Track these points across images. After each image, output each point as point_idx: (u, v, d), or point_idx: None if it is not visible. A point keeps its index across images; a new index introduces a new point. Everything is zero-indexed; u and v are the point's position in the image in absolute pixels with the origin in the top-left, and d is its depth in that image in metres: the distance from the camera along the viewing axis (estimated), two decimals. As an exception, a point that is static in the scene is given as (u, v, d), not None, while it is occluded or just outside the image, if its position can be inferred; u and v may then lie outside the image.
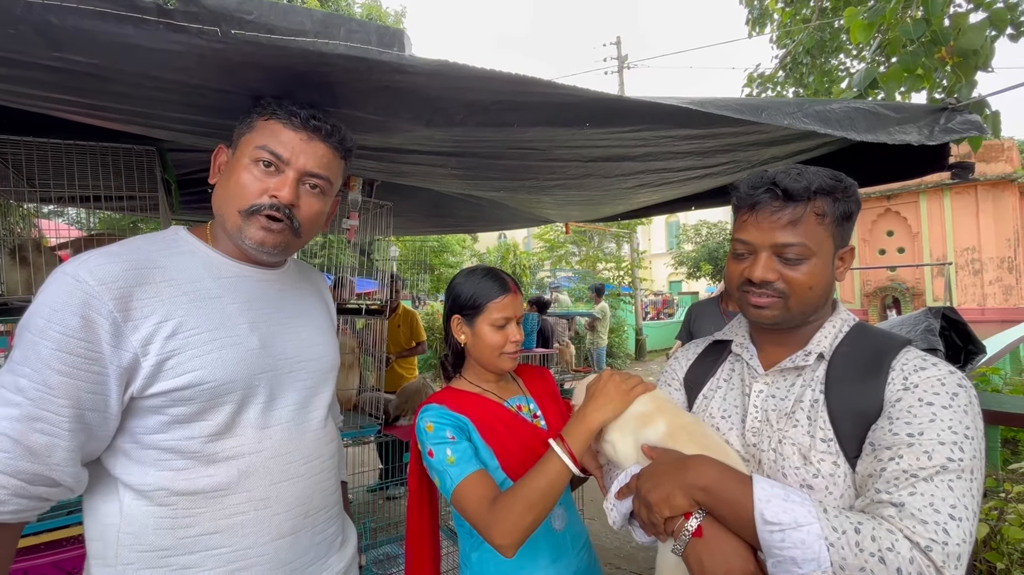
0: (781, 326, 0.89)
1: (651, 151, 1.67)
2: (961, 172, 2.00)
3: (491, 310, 1.15)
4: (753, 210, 0.86)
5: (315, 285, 1.10)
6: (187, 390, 0.78)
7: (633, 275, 13.79)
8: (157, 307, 0.77)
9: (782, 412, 0.85)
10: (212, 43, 0.72)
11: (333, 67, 0.82)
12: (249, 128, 0.88)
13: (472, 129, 1.19)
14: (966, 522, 0.65)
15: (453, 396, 1.17)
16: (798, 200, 0.82)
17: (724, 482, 0.76)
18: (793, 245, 0.82)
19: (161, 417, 0.79)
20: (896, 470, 0.69)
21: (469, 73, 0.90)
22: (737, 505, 0.73)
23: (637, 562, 3.11)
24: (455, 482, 1.01)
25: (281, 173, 0.87)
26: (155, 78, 0.85)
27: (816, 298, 0.85)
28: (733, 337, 1.01)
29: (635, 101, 1.15)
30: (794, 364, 0.87)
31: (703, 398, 1.00)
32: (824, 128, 1.43)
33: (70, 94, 0.94)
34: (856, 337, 0.87)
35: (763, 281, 0.84)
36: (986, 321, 11.34)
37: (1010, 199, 12.77)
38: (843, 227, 0.86)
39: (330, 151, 0.91)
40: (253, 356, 0.85)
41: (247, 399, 0.84)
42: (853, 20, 2.30)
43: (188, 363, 0.78)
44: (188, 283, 0.83)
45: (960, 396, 0.74)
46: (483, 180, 2.01)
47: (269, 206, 0.85)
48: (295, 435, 0.90)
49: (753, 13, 5.95)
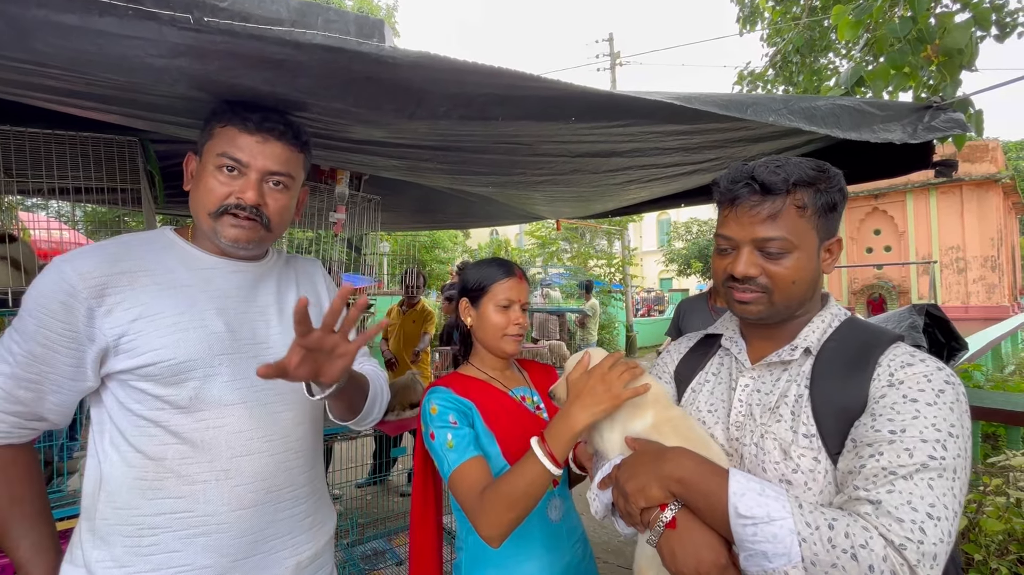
0: (767, 321, 0.88)
1: (638, 147, 1.66)
2: (944, 170, 2.02)
3: (495, 291, 1.20)
4: (733, 205, 0.85)
5: (301, 275, 1.14)
6: (151, 367, 0.87)
7: (624, 272, 13.84)
8: (127, 295, 0.89)
9: (766, 407, 0.85)
10: (184, 31, 0.70)
11: (311, 57, 0.81)
12: (209, 136, 0.95)
13: (456, 122, 1.18)
14: (945, 522, 0.64)
15: (460, 381, 1.20)
16: (776, 193, 0.81)
17: (700, 474, 0.76)
18: (774, 239, 0.81)
19: (133, 389, 0.89)
20: (875, 467, 0.68)
21: (451, 66, 0.89)
22: (712, 497, 0.73)
23: (625, 557, 3.13)
24: (452, 467, 1.05)
25: (243, 176, 0.94)
26: (128, 67, 0.83)
27: (801, 292, 0.84)
28: (724, 331, 1.00)
29: (620, 96, 1.14)
30: (780, 358, 0.86)
31: (691, 391, 1.00)
32: (809, 125, 1.43)
33: (42, 79, 0.92)
34: (845, 332, 0.85)
35: (745, 276, 0.83)
36: (969, 319, 11.53)
37: (994, 199, 12.96)
38: (827, 218, 0.84)
39: (286, 148, 0.97)
40: (215, 339, 0.93)
41: (209, 376, 0.91)
42: (841, 18, 2.31)
43: (150, 342, 0.88)
44: (161, 274, 0.93)
45: (946, 393, 0.72)
46: (470, 175, 1.99)
47: (235, 206, 0.93)
48: (256, 414, 0.96)
49: (744, 11, 5.96)
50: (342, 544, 2.85)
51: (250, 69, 0.84)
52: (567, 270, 13.75)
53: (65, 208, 3.73)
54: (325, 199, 2.51)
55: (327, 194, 2.45)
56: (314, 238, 3.88)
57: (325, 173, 2.48)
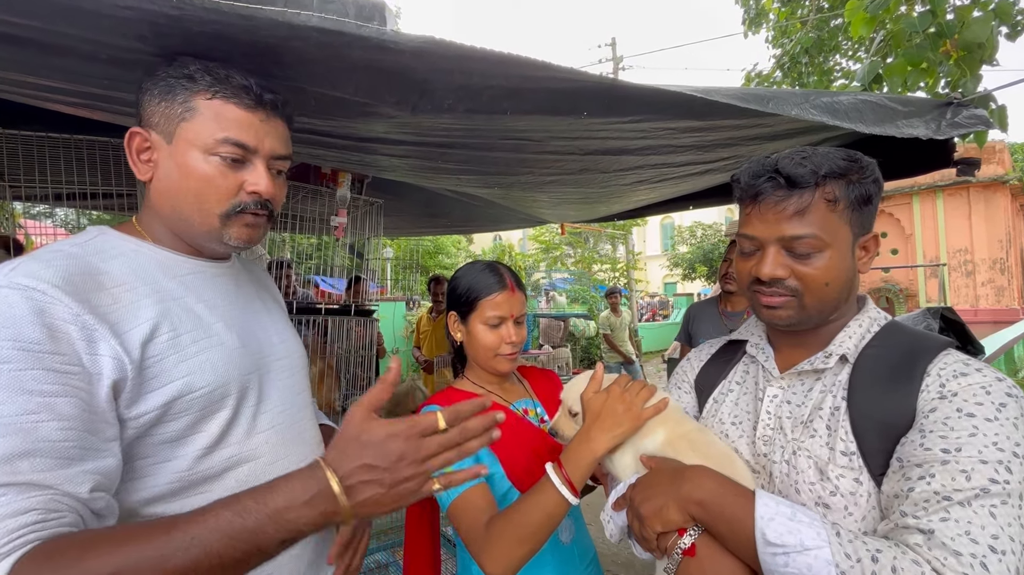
0: (798, 327, 0.80)
1: (651, 144, 1.60)
2: (967, 168, 1.96)
3: (484, 307, 1.08)
4: (756, 201, 0.77)
5: (257, 275, 1.01)
6: (177, 401, 0.68)
7: (628, 276, 13.77)
8: (122, 314, 0.66)
9: (798, 420, 0.77)
10: (166, 9, 0.64)
11: (306, 41, 0.74)
12: (188, 111, 0.73)
13: (462, 116, 1.12)
14: (1011, 556, 0.56)
15: (456, 397, 1.09)
16: (804, 186, 0.73)
17: (723, 496, 0.69)
18: (802, 237, 0.73)
19: (142, 443, 0.67)
20: (926, 491, 0.60)
21: (457, 52, 0.83)
22: (736, 522, 0.66)
23: (635, 569, 3.04)
24: (451, 496, 0.94)
25: (249, 163, 0.76)
26: (107, 51, 0.77)
27: (835, 294, 0.76)
28: (749, 336, 0.92)
29: (635, 87, 1.08)
30: (812, 367, 0.79)
31: (713, 402, 0.92)
32: (833, 120, 1.37)
33: (15, 70, 0.86)
34: (886, 337, 0.77)
35: (772, 278, 0.76)
36: (979, 322, 11.39)
37: (1002, 201, 12.85)
38: (861, 212, 0.76)
39: (284, 124, 0.81)
40: (238, 356, 0.77)
41: (240, 403, 0.76)
42: (855, 14, 2.25)
43: (173, 370, 0.68)
44: (144, 285, 0.71)
45: (1009, 407, 0.63)
46: (475, 175, 1.93)
47: (253, 203, 0.77)
48: (289, 437, 0.83)
49: (749, 13, 5.92)
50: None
51: (239, 54, 0.77)
52: (571, 275, 13.68)
53: (71, 216, 3.69)
54: (326, 203, 2.46)
55: (328, 198, 2.40)
56: (318, 243, 3.84)
57: (326, 176, 2.42)
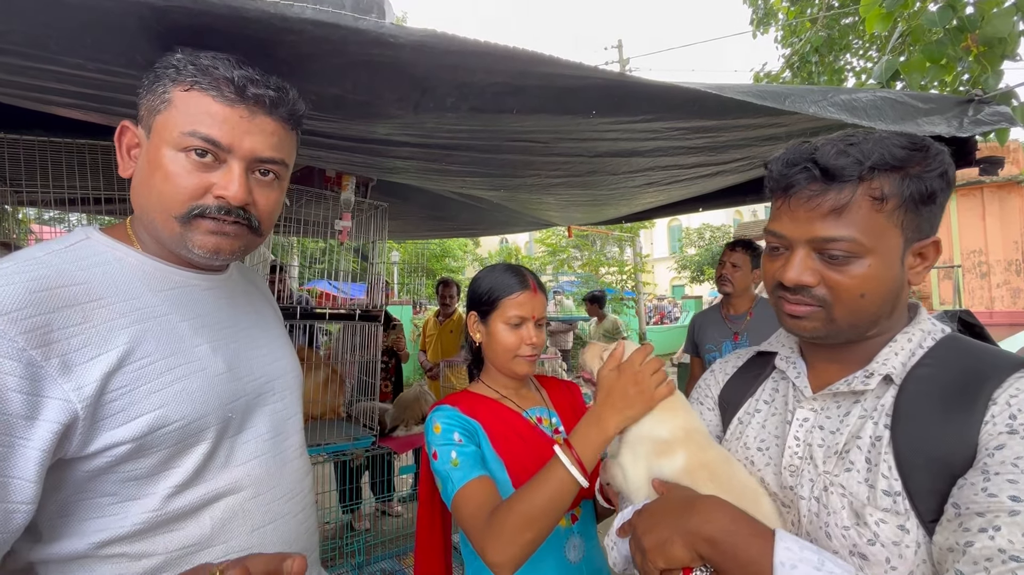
0: (826, 341, 0.70)
1: (661, 145, 1.55)
2: (990, 167, 1.90)
3: (506, 307, 1.08)
4: (787, 194, 0.67)
5: (258, 286, 0.95)
6: (147, 436, 0.61)
7: (636, 279, 13.68)
8: (91, 336, 0.59)
9: (831, 450, 0.66)
10: (149, 2, 0.60)
11: (300, 35, 0.70)
12: (164, 103, 0.66)
13: (466, 116, 1.08)
14: None
15: (468, 399, 1.10)
16: (844, 180, 0.62)
17: (736, 534, 0.60)
18: (837, 240, 0.63)
19: (105, 479, 0.61)
20: (990, 548, 0.50)
21: (460, 46, 0.79)
22: (751, 566, 0.57)
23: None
24: (456, 487, 0.93)
25: (223, 163, 0.68)
26: (95, 46, 0.73)
27: (873, 308, 0.65)
28: (779, 348, 0.82)
29: (646, 84, 1.04)
30: (850, 387, 0.68)
31: (738, 422, 0.82)
32: (851, 118, 1.31)
33: (10, 73, 0.83)
34: (943, 355, 0.66)
35: (798, 285, 0.66)
36: (995, 324, 11.16)
37: (1016, 201, 12.62)
38: (919, 213, 0.64)
39: (280, 125, 0.71)
40: (222, 383, 0.70)
41: (221, 435, 0.69)
42: (871, 9, 2.19)
43: (143, 402, 0.61)
44: (124, 301, 0.64)
45: None
46: (481, 177, 1.89)
47: (216, 208, 0.67)
48: (274, 469, 0.76)
49: (758, 13, 5.85)
50: (350, 565, 2.75)
51: (229, 48, 0.73)
52: (578, 278, 13.62)
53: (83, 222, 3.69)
54: (331, 207, 2.43)
55: (333, 201, 2.37)
56: (325, 248, 3.82)
57: (331, 179, 2.40)
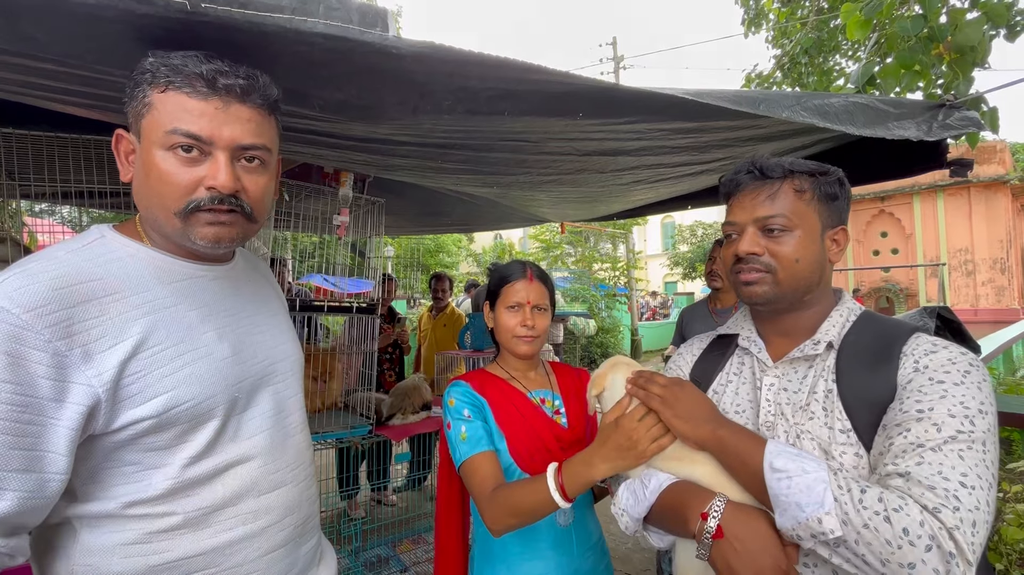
0: (775, 304, 0.88)
1: (646, 145, 1.63)
2: (960, 169, 1.98)
3: (506, 293, 1.23)
4: (737, 191, 0.90)
5: (264, 275, 1.02)
6: (162, 415, 0.70)
7: (629, 276, 13.78)
8: (107, 327, 0.67)
9: (796, 405, 0.83)
10: (179, 16, 0.67)
11: (312, 47, 0.78)
12: (146, 107, 0.72)
13: (462, 117, 1.16)
14: (979, 491, 0.63)
15: (480, 377, 1.25)
16: (775, 177, 0.86)
17: (739, 435, 0.79)
18: (773, 216, 0.84)
19: (129, 450, 0.70)
20: (903, 443, 0.68)
21: (456, 57, 0.86)
22: (746, 454, 0.76)
23: (633, 563, 3.08)
24: (463, 458, 1.12)
25: (208, 156, 0.73)
26: (123, 58, 0.80)
27: (806, 272, 0.85)
28: (739, 330, 0.99)
29: (628, 90, 1.12)
30: (803, 354, 0.86)
31: (713, 394, 0.98)
32: (823, 122, 1.40)
33: (32, 75, 0.89)
34: (864, 325, 0.86)
35: (749, 254, 0.86)
36: (979, 322, 11.39)
37: (1002, 201, 12.84)
38: (829, 206, 0.87)
39: (255, 111, 0.75)
40: (228, 366, 0.78)
41: (229, 414, 0.78)
42: (850, 16, 2.28)
43: (157, 385, 0.69)
44: (136, 294, 0.72)
45: (972, 375, 0.73)
46: (475, 175, 1.97)
47: (210, 199, 0.73)
48: (278, 442, 0.85)
49: (749, 13, 5.93)
50: (347, 551, 2.82)
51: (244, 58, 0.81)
52: (571, 274, 13.71)
53: (73, 214, 3.72)
54: (329, 202, 2.50)
55: (331, 197, 2.44)
56: (319, 242, 3.88)
57: (329, 176, 2.46)
